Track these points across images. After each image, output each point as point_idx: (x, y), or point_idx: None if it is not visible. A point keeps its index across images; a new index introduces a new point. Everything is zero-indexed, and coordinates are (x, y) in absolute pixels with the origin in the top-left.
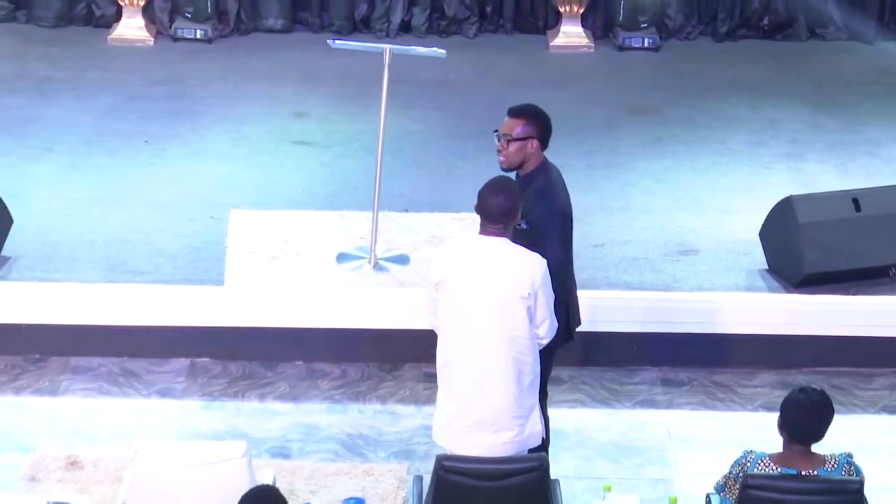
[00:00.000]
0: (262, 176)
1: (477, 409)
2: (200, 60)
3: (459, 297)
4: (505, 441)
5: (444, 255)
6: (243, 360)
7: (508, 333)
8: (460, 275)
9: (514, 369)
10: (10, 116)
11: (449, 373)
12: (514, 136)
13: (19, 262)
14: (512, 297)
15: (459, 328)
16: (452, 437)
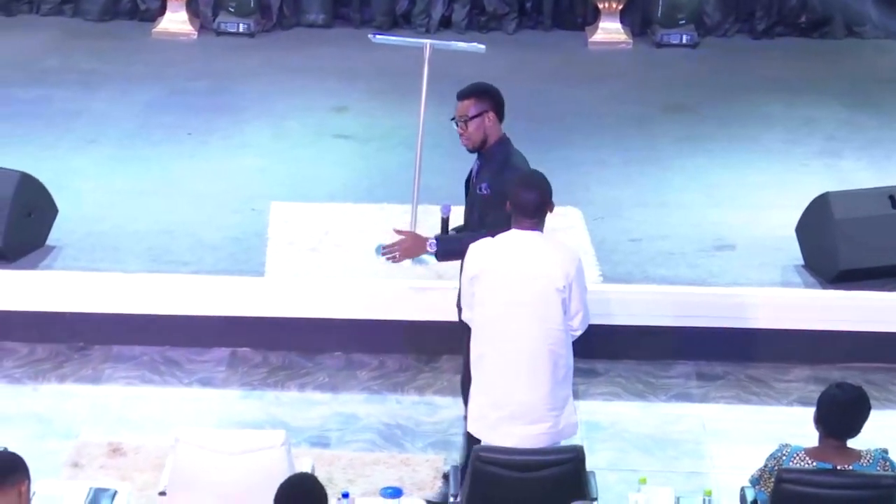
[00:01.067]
0: (303, 169)
1: (511, 400)
2: (243, 54)
3: (495, 291)
4: (540, 432)
5: (479, 249)
6: (283, 350)
7: (543, 326)
8: (496, 269)
9: (549, 361)
10: (56, 109)
11: (483, 365)
12: (470, 115)
13: (64, 251)
14: (547, 290)
15: (495, 321)
16: (487, 428)
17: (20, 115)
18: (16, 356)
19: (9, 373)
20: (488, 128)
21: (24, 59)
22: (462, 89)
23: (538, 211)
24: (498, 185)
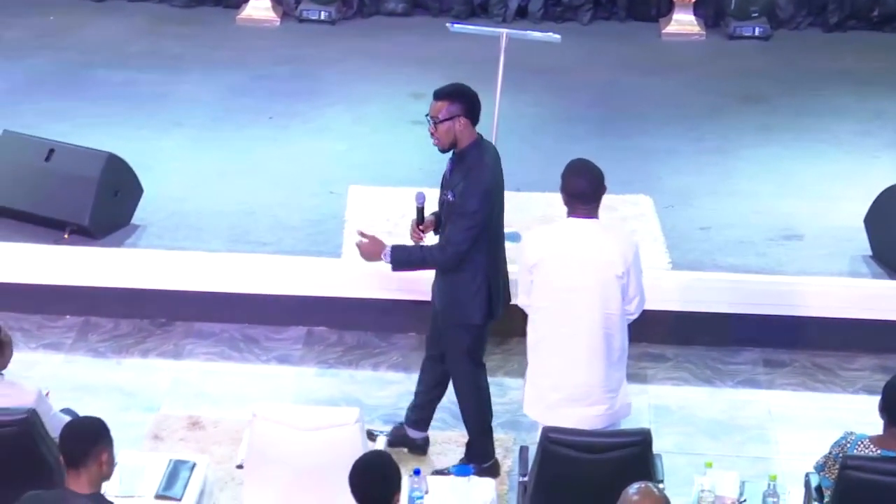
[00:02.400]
0: (380, 153)
1: (569, 383)
2: (324, 41)
3: (555, 278)
4: (597, 414)
5: (537, 238)
6: (358, 329)
7: (602, 312)
8: (555, 257)
9: (606, 346)
10: (142, 92)
11: (542, 349)
12: (441, 118)
13: (149, 230)
14: (608, 277)
15: (555, 307)
16: (545, 411)
17: (108, 98)
18: (100, 331)
19: (94, 346)
20: (458, 132)
21: (112, 44)
22: (439, 88)
23: (591, 198)
24: (461, 197)
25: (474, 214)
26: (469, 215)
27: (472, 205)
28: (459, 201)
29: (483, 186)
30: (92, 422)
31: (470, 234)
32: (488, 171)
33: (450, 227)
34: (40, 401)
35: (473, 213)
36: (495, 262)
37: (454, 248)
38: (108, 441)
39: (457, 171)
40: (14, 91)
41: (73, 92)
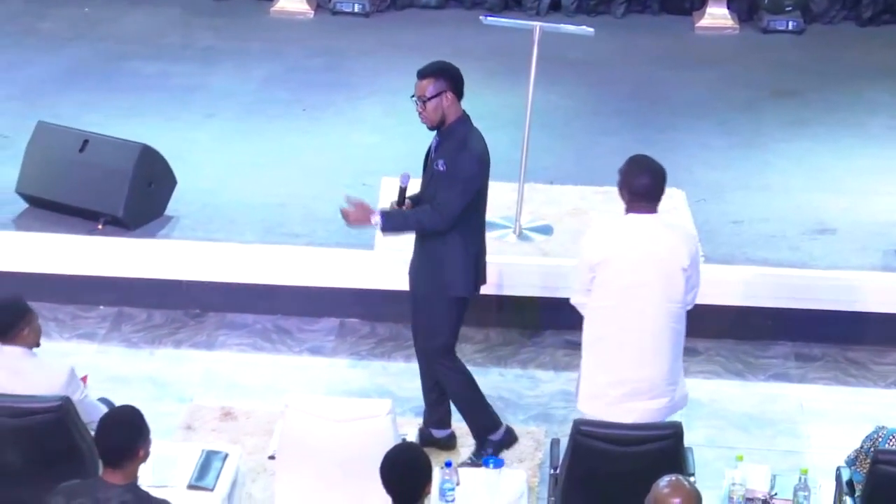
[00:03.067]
0: (413, 146)
1: (634, 377)
2: (357, 34)
3: (621, 275)
4: (658, 407)
5: (599, 236)
6: (390, 321)
7: (668, 305)
8: (621, 254)
9: (670, 338)
10: (176, 84)
11: (603, 346)
12: (428, 96)
13: (182, 221)
14: (673, 270)
15: (620, 304)
16: (606, 407)
17: (142, 89)
18: (134, 321)
19: (127, 337)
20: (446, 108)
21: (146, 36)
22: (422, 68)
23: (653, 194)
24: (453, 164)
25: (470, 180)
26: (463, 180)
27: (467, 170)
28: (451, 169)
29: (478, 154)
30: (131, 418)
31: (464, 199)
32: (480, 143)
33: (442, 192)
34: (72, 379)
35: (468, 178)
36: (481, 239)
37: (450, 209)
38: (146, 435)
39: (443, 146)
40: (49, 82)
41: (108, 83)
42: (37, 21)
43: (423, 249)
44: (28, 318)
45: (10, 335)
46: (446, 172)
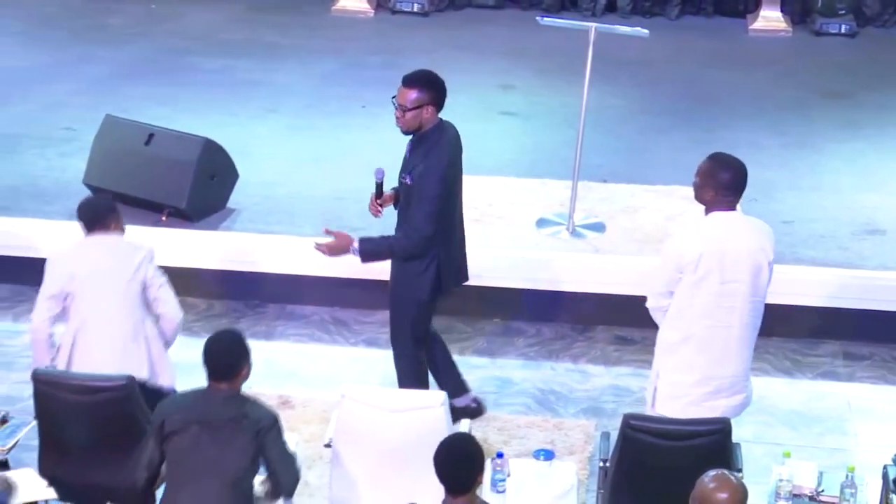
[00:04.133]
0: (469, 143)
1: (719, 375)
2: (416, 32)
3: (716, 273)
4: (737, 403)
5: (691, 236)
6: (445, 315)
7: (753, 300)
8: (713, 253)
9: (752, 334)
10: (239, 79)
11: (690, 346)
12: (410, 106)
13: (243, 214)
14: (762, 265)
15: (711, 302)
16: (687, 406)
17: (206, 84)
18: (195, 311)
19: (188, 326)
20: (425, 119)
21: (210, 32)
22: (408, 75)
23: (738, 189)
24: (419, 181)
25: (435, 199)
26: (429, 200)
27: (431, 189)
28: (418, 185)
29: (440, 170)
30: (236, 340)
31: (433, 219)
32: (445, 154)
33: (412, 213)
34: (152, 257)
35: (433, 197)
36: (447, 239)
37: (419, 233)
38: (248, 356)
39: (416, 153)
40: (117, 76)
41: (173, 78)
42: (105, 17)
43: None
44: (116, 212)
45: (101, 225)
46: (414, 187)
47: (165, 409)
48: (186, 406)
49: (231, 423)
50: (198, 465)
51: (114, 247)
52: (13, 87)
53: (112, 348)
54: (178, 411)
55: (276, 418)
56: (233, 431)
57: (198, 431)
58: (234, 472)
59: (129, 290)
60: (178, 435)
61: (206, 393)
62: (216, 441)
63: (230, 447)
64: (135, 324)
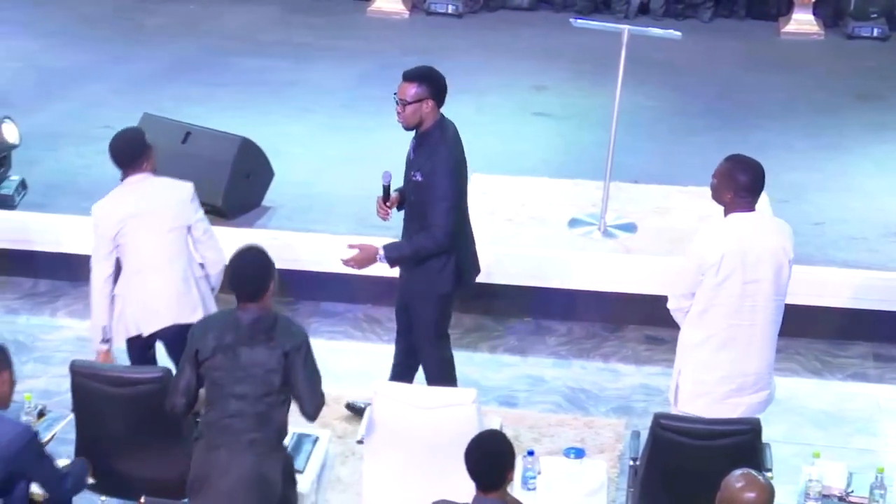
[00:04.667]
0: (502, 143)
1: (742, 372)
2: (450, 34)
3: (738, 274)
4: (760, 400)
5: (712, 238)
6: (476, 313)
7: (775, 299)
8: (735, 254)
9: (774, 331)
10: (274, 79)
11: (712, 345)
12: (409, 100)
13: (279, 212)
14: (782, 264)
15: (733, 302)
16: (711, 404)
17: (243, 84)
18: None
19: None
20: (425, 113)
21: (247, 32)
22: (408, 70)
23: (756, 190)
24: (430, 178)
25: (450, 193)
26: (445, 195)
27: (445, 185)
28: (429, 182)
29: (450, 165)
30: (261, 258)
31: (452, 213)
32: (451, 149)
33: (430, 212)
34: (195, 195)
35: (448, 191)
36: (462, 233)
37: (442, 230)
38: (274, 271)
39: (420, 151)
40: (155, 76)
41: (210, 78)
42: (144, 17)
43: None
44: (149, 149)
45: (135, 165)
46: (424, 184)
47: (197, 334)
48: (217, 330)
49: (260, 345)
50: (230, 386)
51: (153, 191)
52: (53, 87)
53: (167, 295)
54: (210, 336)
55: (302, 340)
56: (262, 353)
57: (230, 355)
58: (265, 394)
59: (175, 232)
60: (210, 360)
61: (236, 314)
62: (246, 363)
63: (260, 369)
64: (184, 267)
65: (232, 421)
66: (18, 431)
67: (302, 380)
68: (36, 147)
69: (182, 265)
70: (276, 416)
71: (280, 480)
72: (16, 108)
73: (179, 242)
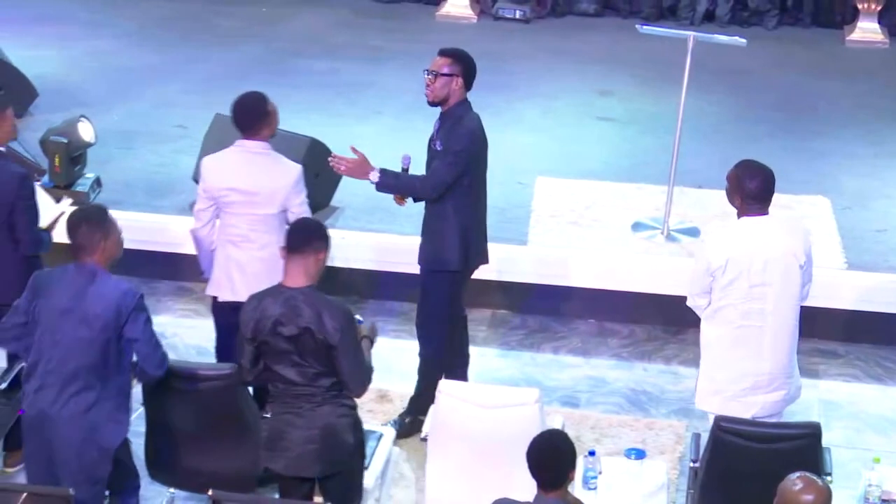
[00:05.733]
0: (567, 147)
1: (753, 372)
2: (517, 38)
3: (745, 277)
4: (776, 399)
5: (719, 242)
6: (540, 314)
7: (787, 301)
8: (742, 257)
9: (789, 333)
10: (344, 81)
11: (721, 344)
12: (441, 72)
13: (346, 212)
14: (792, 268)
15: (742, 304)
16: (725, 402)
17: (313, 86)
18: None
19: None
20: (453, 90)
21: (318, 35)
22: (444, 48)
23: (765, 196)
24: (447, 142)
25: (459, 153)
26: (454, 153)
27: (457, 145)
28: (445, 145)
29: (470, 130)
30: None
31: (453, 170)
32: (475, 126)
33: (435, 163)
34: (301, 178)
35: (458, 152)
36: (475, 214)
37: (437, 178)
38: (327, 243)
39: (444, 126)
40: (227, 77)
41: (281, 79)
42: (216, 19)
43: (426, 226)
44: (269, 116)
45: (252, 131)
46: (442, 150)
47: (247, 318)
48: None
49: (306, 334)
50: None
51: (262, 169)
52: (129, 86)
53: (256, 272)
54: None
55: (342, 329)
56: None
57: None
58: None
59: (272, 212)
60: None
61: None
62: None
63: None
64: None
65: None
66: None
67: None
68: (111, 145)
69: (274, 243)
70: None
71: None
72: (92, 107)
73: (273, 222)
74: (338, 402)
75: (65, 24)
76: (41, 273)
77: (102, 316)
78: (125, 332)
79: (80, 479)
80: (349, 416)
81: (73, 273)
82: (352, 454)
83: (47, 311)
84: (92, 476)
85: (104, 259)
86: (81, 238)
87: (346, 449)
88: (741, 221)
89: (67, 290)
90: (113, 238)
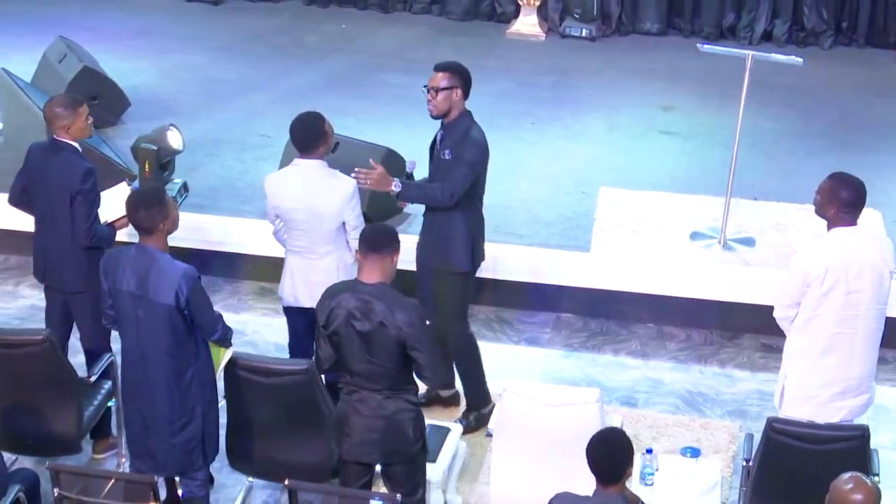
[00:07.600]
0: (630, 159)
1: (845, 377)
2: (584, 55)
3: (841, 286)
4: (863, 402)
5: (817, 252)
6: (602, 318)
7: (876, 308)
8: (839, 266)
9: (877, 338)
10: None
11: (817, 351)
12: (441, 87)
13: (418, 219)
14: (884, 276)
15: (837, 312)
16: (817, 407)
17: (390, 99)
18: None
19: None
20: (454, 102)
21: (396, 51)
22: (439, 63)
23: (858, 206)
24: (458, 151)
25: (472, 164)
26: (468, 164)
27: (469, 155)
28: (456, 155)
29: (480, 143)
30: (392, 228)
31: (467, 180)
32: (481, 134)
33: (451, 173)
34: (355, 194)
35: (472, 162)
36: (480, 218)
37: (454, 187)
38: (399, 247)
39: (448, 137)
40: (311, 89)
41: (361, 92)
42: (303, 35)
43: (431, 229)
44: (325, 136)
45: (309, 150)
46: (452, 160)
47: (323, 307)
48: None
49: (379, 329)
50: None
51: (317, 185)
52: (218, 97)
53: (318, 280)
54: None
55: (413, 324)
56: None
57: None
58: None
59: (331, 227)
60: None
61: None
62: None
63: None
64: (336, 258)
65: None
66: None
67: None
68: (199, 153)
69: (334, 257)
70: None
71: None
72: (182, 116)
73: (333, 234)
74: (401, 397)
75: (161, 38)
76: (108, 257)
77: (165, 298)
78: (188, 310)
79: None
80: (411, 412)
81: (135, 256)
82: (411, 446)
83: (118, 297)
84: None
85: (163, 237)
86: (141, 220)
87: (405, 441)
88: (834, 232)
89: (132, 276)
90: (171, 218)
